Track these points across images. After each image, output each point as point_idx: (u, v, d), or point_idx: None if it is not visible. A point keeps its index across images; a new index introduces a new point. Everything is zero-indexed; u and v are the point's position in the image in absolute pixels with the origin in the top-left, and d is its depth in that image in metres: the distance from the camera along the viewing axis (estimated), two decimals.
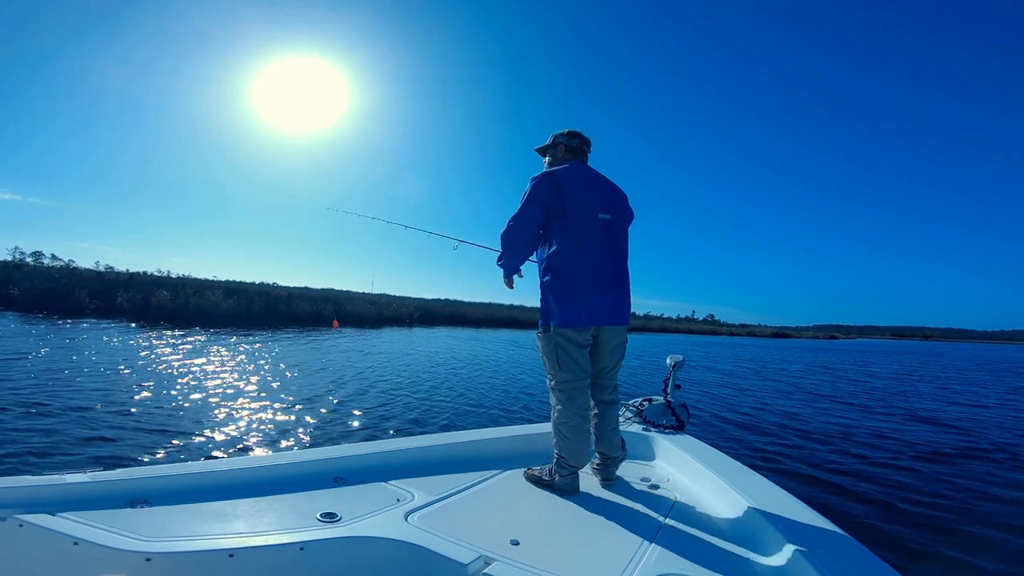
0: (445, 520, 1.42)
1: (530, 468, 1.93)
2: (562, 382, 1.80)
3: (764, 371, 15.17)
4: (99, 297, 19.73)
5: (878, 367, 19.78)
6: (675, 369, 2.65)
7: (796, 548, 1.24)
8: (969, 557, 2.90)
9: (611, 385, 1.93)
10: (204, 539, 1.17)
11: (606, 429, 1.90)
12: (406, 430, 5.15)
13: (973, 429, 6.93)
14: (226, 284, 25.78)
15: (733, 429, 6.18)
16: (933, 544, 3.06)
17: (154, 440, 4.15)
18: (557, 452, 1.82)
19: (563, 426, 1.80)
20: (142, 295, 20.05)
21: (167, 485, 1.42)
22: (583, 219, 1.78)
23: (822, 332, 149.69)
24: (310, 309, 25.11)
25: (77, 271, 23.37)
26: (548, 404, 1.88)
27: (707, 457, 2.06)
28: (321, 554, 1.19)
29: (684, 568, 1.25)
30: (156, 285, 21.93)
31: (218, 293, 21.79)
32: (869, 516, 3.46)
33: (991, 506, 3.75)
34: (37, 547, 1.12)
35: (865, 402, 9.27)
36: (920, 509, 3.64)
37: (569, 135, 1.99)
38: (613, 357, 1.89)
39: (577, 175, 1.85)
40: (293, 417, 5.22)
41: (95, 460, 3.61)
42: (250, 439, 4.37)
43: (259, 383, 7.02)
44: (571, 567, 1.21)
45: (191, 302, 20.31)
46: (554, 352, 1.79)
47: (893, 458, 5.07)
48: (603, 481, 1.93)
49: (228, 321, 19.55)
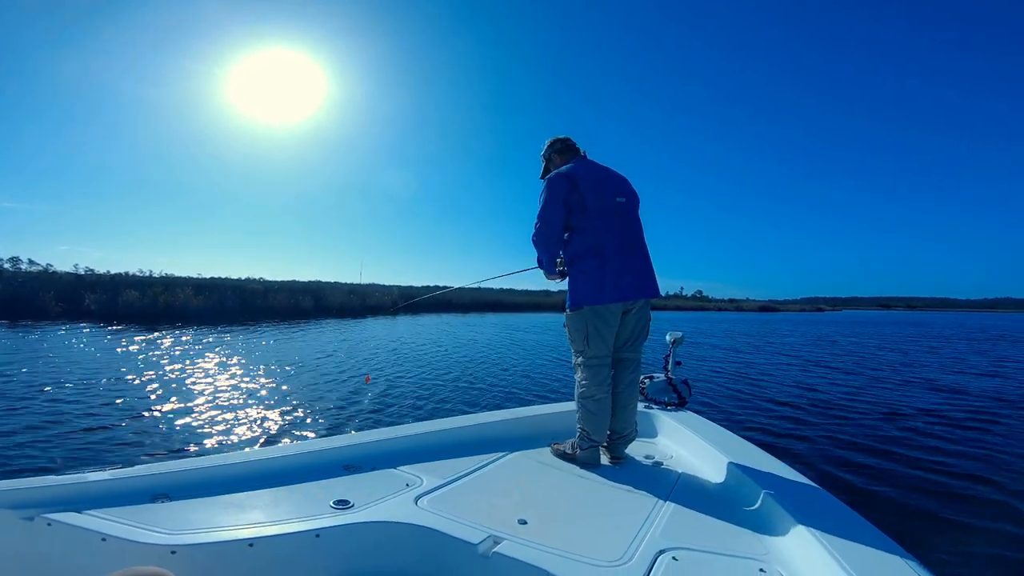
0: (454, 502, 1.47)
1: (555, 443, 2.06)
2: (590, 357, 1.92)
3: (760, 345, 15.52)
4: (66, 300, 19.17)
5: (871, 336, 20.31)
6: (675, 346, 2.70)
7: (799, 522, 1.28)
8: (972, 529, 2.92)
9: (633, 359, 2.03)
10: (224, 530, 1.21)
11: (625, 408, 1.99)
12: (412, 416, 5.32)
13: (979, 395, 7.11)
14: (210, 281, 25.14)
15: (734, 404, 6.31)
16: (937, 513, 3.12)
17: (169, 437, 4.31)
18: (580, 426, 1.93)
19: (588, 400, 1.91)
20: (108, 296, 19.48)
21: (186, 479, 1.47)
22: (602, 206, 1.94)
23: (809, 305, 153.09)
24: (288, 302, 24.76)
25: (55, 275, 22.59)
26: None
27: (709, 433, 2.13)
28: (336, 540, 1.25)
29: (688, 543, 1.29)
30: (137, 285, 21.39)
31: (188, 290, 21.30)
32: (871, 487, 3.53)
33: (1002, 477, 3.72)
34: (67, 544, 1.16)
35: (864, 372, 9.48)
36: (923, 475, 3.72)
37: (551, 144, 2.18)
38: (636, 329, 2.00)
39: (586, 168, 2.01)
40: (289, 408, 5.26)
41: (115, 458, 3.75)
42: (246, 433, 4.42)
43: (235, 382, 6.95)
44: (577, 543, 1.26)
45: (160, 300, 19.85)
46: (584, 328, 1.91)
47: (895, 428, 5.19)
48: (612, 459, 2.00)
49: (201, 318, 19.16)
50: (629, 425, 2.00)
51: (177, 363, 8.25)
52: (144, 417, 4.88)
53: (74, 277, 22.59)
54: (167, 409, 5.18)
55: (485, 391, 6.76)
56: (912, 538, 2.79)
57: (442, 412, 5.54)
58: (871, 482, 3.65)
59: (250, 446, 4.15)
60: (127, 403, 5.40)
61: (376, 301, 30.45)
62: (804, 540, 1.22)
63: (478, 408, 5.77)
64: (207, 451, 3.98)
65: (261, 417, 5.03)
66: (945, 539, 2.84)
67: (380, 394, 6.34)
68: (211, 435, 4.40)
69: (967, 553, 2.67)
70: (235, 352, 10.05)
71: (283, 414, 5.16)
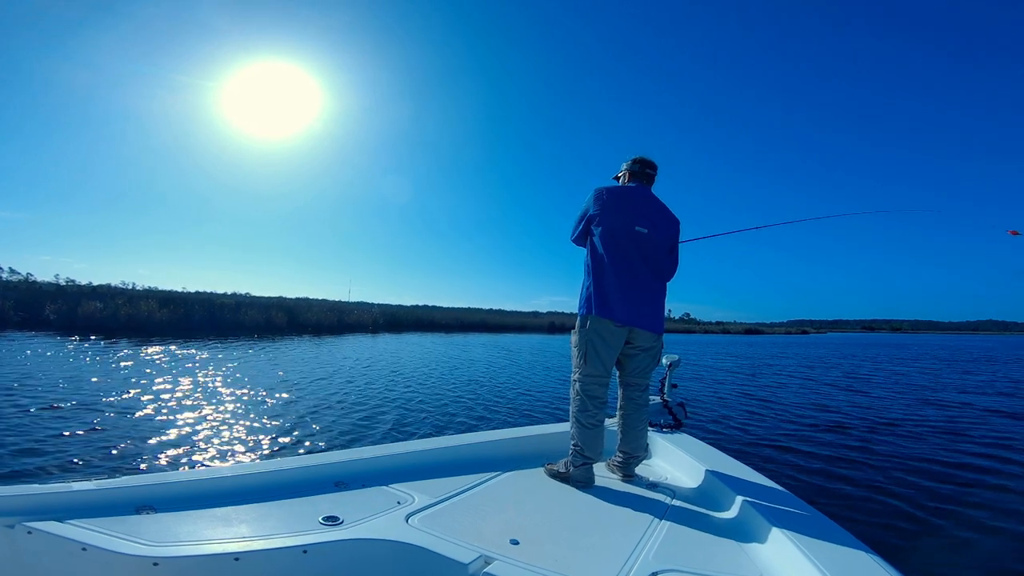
0: (445, 521, 1.48)
1: (549, 463, 2.10)
2: (584, 375, 1.99)
3: (753, 367, 15.78)
4: (24, 308, 18.87)
5: (860, 360, 20.71)
6: (671, 368, 2.77)
7: (794, 545, 1.30)
8: (961, 552, 2.98)
9: (643, 385, 2.12)
10: (209, 543, 1.21)
11: (634, 428, 2.07)
12: (404, 434, 5.33)
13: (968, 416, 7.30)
14: (195, 296, 24.82)
15: (730, 427, 6.38)
16: (928, 536, 3.17)
17: (156, 448, 4.30)
18: (574, 443, 1.97)
19: (582, 415, 1.97)
20: (68, 306, 19.01)
21: (172, 491, 1.46)
22: (613, 227, 2.05)
23: (794, 327, 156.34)
24: (259, 317, 24.31)
25: (36, 284, 22.04)
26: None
27: (705, 455, 2.17)
28: (324, 556, 1.25)
29: (682, 565, 1.31)
30: (110, 296, 21.07)
31: (152, 302, 20.86)
32: (867, 509, 3.57)
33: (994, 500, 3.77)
34: (46, 553, 1.16)
35: (859, 395, 9.66)
36: (918, 500, 3.74)
37: (632, 161, 2.29)
38: (645, 359, 2.09)
39: (623, 191, 2.15)
40: (274, 424, 5.14)
41: (99, 468, 3.72)
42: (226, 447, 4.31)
43: (207, 397, 6.78)
44: (569, 565, 1.28)
45: (121, 312, 19.36)
46: (584, 346, 1.98)
47: (890, 450, 5.27)
48: (623, 478, 2.07)
49: (164, 331, 18.76)
50: (640, 445, 2.09)
51: (142, 377, 8.00)
52: (117, 430, 4.80)
53: (55, 287, 22.11)
54: (134, 422, 5.01)
55: (477, 411, 6.77)
56: (906, 559, 2.83)
57: (435, 431, 5.55)
58: (869, 505, 3.68)
59: (234, 460, 4.15)
60: (104, 415, 5.29)
61: (355, 319, 30.10)
62: (800, 564, 1.24)
63: (471, 427, 5.77)
64: (193, 464, 3.98)
65: (242, 432, 4.95)
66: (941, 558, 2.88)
67: (370, 411, 6.35)
68: (194, 449, 4.37)
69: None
70: (205, 367, 9.79)
71: (267, 431, 5.11)
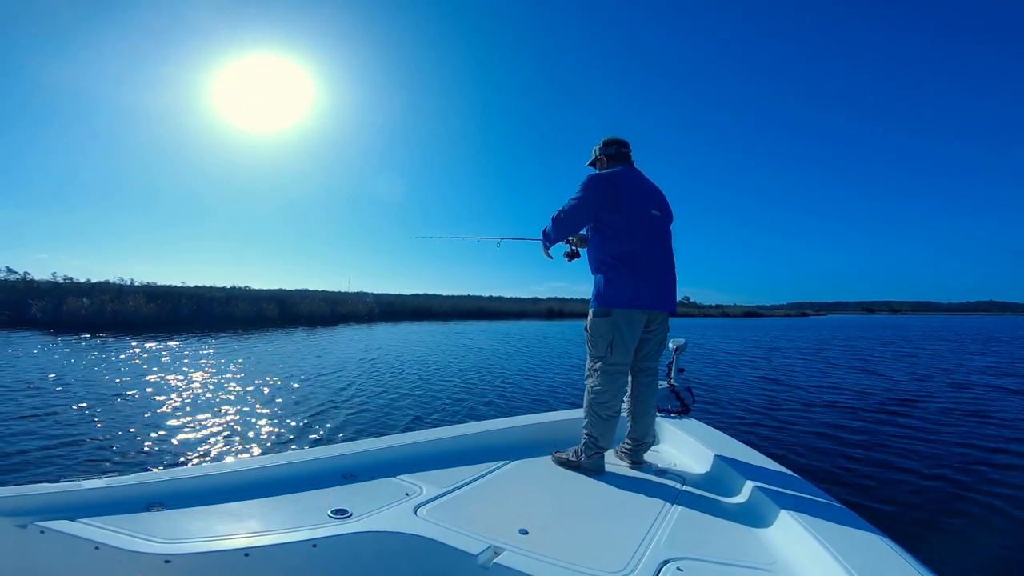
0: (454, 512, 1.49)
1: (557, 451, 2.09)
2: (610, 364, 1.97)
3: (758, 350, 15.84)
4: (10, 307, 18.70)
5: (868, 340, 20.78)
6: (678, 353, 2.77)
7: (806, 530, 1.30)
8: (978, 539, 2.96)
9: (653, 369, 2.13)
10: (220, 539, 1.22)
11: (644, 415, 2.08)
12: (411, 424, 5.36)
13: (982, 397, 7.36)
14: (185, 290, 24.67)
15: (738, 411, 6.39)
16: (947, 520, 3.15)
17: (162, 445, 4.34)
18: (587, 433, 1.97)
19: (602, 407, 1.96)
20: (54, 304, 18.88)
21: (181, 488, 1.47)
22: (638, 216, 2.03)
23: (794, 310, 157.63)
24: (250, 310, 24.23)
25: (33, 283, 21.85)
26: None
27: (713, 440, 2.18)
28: (333, 550, 1.26)
29: (693, 552, 1.31)
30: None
31: (139, 297, 20.74)
32: (877, 492, 3.58)
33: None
34: (59, 552, 1.17)
35: (867, 378, 9.65)
36: (931, 484, 3.75)
37: (605, 144, 2.24)
38: (655, 340, 2.09)
39: (630, 176, 2.12)
40: (279, 418, 5.16)
41: (108, 466, 3.76)
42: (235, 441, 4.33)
43: (204, 390, 6.76)
44: (579, 554, 1.28)
45: (108, 308, 19.25)
46: (610, 335, 1.95)
47: (903, 432, 5.28)
48: (632, 465, 2.08)
49: (152, 326, 18.70)
50: (649, 432, 2.10)
51: (137, 374, 7.97)
52: (124, 427, 4.82)
53: (52, 285, 21.97)
54: (139, 420, 4.99)
55: (484, 399, 6.83)
56: (922, 542, 2.84)
57: (441, 420, 5.57)
58: (879, 487, 3.70)
59: (241, 455, 4.15)
60: (105, 413, 5.30)
61: (350, 309, 29.97)
62: (812, 549, 1.24)
63: (478, 416, 5.80)
64: (203, 460, 4.01)
65: (245, 426, 4.96)
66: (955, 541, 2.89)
67: (374, 403, 6.37)
68: (200, 444, 4.39)
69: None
70: (196, 362, 9.75)
71: (275, 423, 5.16)
